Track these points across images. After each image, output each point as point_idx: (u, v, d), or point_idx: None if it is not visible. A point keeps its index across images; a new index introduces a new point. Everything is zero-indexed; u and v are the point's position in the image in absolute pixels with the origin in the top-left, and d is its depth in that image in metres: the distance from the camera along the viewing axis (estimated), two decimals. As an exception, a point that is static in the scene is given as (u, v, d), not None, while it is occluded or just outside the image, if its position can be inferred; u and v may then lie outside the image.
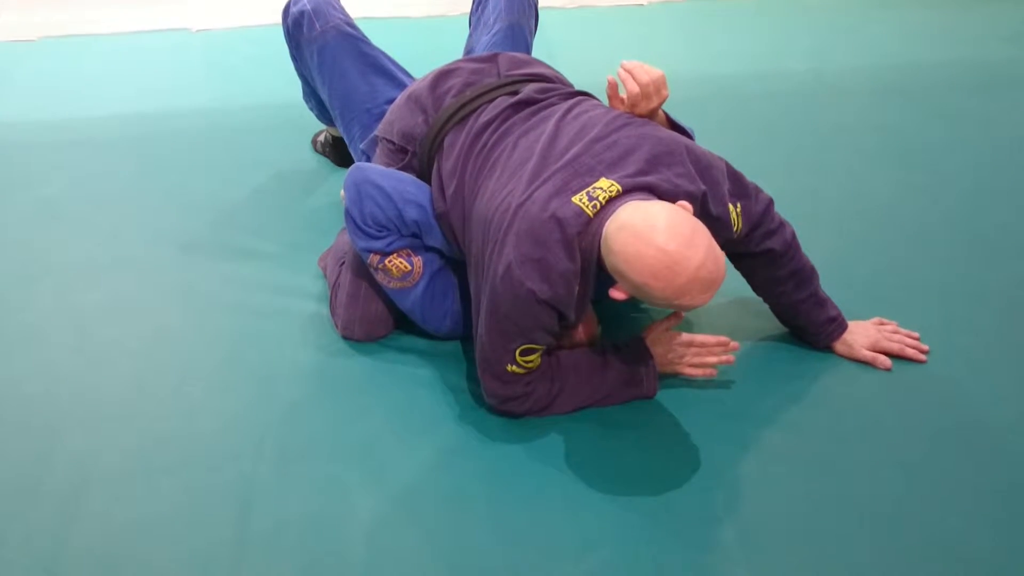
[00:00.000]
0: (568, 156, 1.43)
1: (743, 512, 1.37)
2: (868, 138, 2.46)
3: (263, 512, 1.36)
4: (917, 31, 3.15)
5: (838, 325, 1.65)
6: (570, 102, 1.59)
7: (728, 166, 1.52)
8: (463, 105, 1.63)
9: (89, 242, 2.00)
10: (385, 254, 1.58)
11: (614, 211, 1.34)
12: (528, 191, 1.40)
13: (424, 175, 1.66)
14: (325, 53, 1.95)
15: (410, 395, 1.58)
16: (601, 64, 2.82)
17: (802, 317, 1.65)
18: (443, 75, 1.71)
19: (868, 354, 1.63)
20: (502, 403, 1.50)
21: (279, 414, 1.55)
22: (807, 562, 1.29)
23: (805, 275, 1.62)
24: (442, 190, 1.58)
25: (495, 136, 1.56)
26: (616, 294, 1.35)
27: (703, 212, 1.44)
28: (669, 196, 1.39)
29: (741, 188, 1.52)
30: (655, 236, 1.26)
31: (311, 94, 2.13)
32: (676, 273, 1.26)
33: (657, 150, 1.43)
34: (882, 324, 1.69)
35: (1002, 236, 2.03)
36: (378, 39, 2.02)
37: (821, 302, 1.64)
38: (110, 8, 3.23)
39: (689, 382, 1.60)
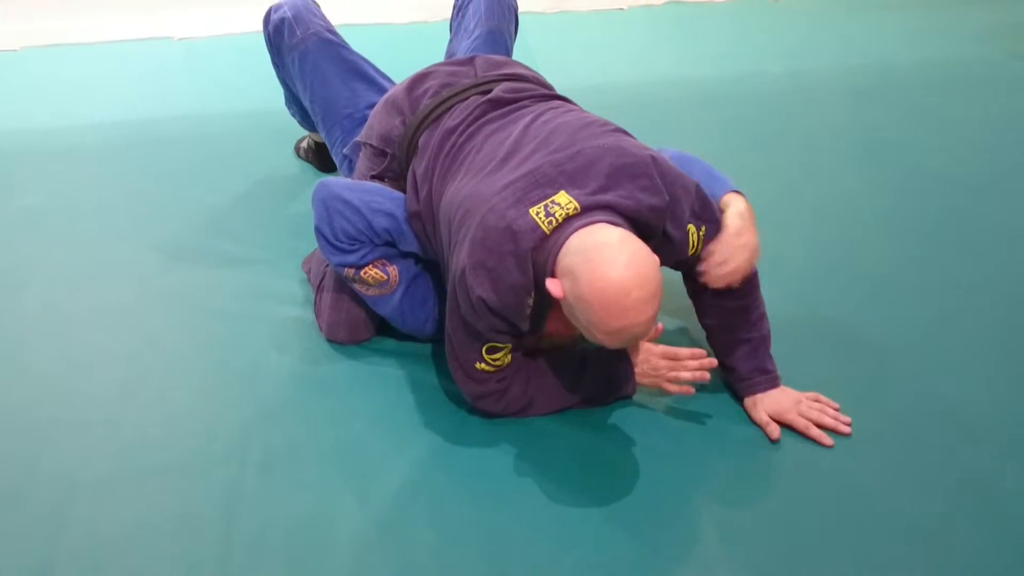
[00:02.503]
0: (530, 164, 1.41)
1: (723, 510, 1.39)
2: (844, 138, 2.49)
3: (249, 516, 1.37)
4: (891, 32, 3.18)
5: (766, 380, 1.54)
6: (543, 105, 1.58)
7: (698, 188, 1.46)
8: (437, 105, 1.64)
9: (73, 250, 2.00)
10: (359, 267, 1.58)
11: (575, 229, 1.32)
12: (488, 195, 1.39)
13: (403, 177, 1.67)
14: (306, 59, 1.96)
15: (395, 397, 1.59)
16: (581, 68, 2.87)
17: (735, 358, 1.56)
18: (420, 78, 1.73)
19: (764, 418, 1.51)
20: (476, 400, 1.51)
21: (264, 418, 1.55)
22: (787, 559, 1.31)
23: (754, 317, 1.55)
24: (416, 190, 1.58)
25: (464, 136, 1.56)
26: (553, 287, 1.31)
27: (666, 218, 1.41)
28: (631, 213, 1.37)
29: (710, 212, 1.47)
30: (628, 273, 1.25)
31: (293, 100, 2.14)
32: (622, 316, 1.26)
33: (620, 162, 1.40)
34: (816, 400, 1.55)
35: (978, 232, 2.05)
36: (360, 46, 2.03)
37: (760, 350, 1.55)
38: (93, 17, 3.22)
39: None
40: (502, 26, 2.01)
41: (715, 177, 1.55)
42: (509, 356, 1.47)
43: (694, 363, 1.47)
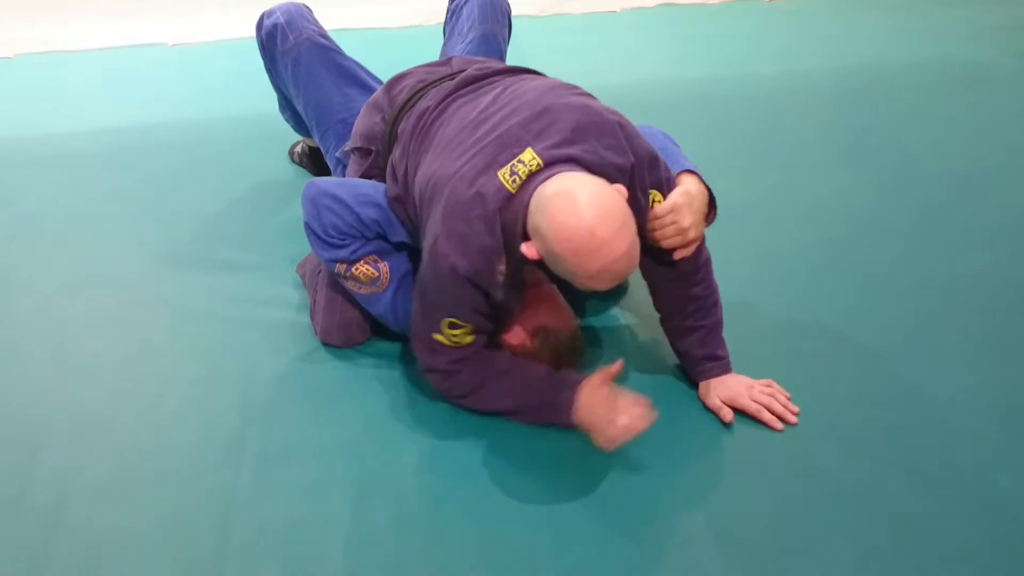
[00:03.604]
0: (500, 129, 1.42)
1: (716, 508, 1.39)
2: (836, 139, 2.50)
3: (244, 519, 1.38)
4: (882, 33, 3.20)
5: (718, 366, 1.56)
6: (513, 78, 1.59)
7: (663, 161, 1.47)
8: (413, 95, 1.66)
9: (67, 256, 2.01)
10: (351, 262, 1.60)
11: (537, 184, 1.33)
12: (457, 165, 1.41)
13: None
14: (299, 64, 1.97)
15: (389, 400, 1.60)
16: (574, 71, 2.86)
17: (687, 344, 1.57)
18: (398, 78, 1.75)
19: (716, 403, 1.53)
20: (426, 371, 1.53)
21: (259, 422, 1.56)
22: (780, 557, 1.32)
23: (707, 304, 1.56)
24: (394, 175, 1.60)
25: (435, 113, 1.58)
26: (527, 250, 1.32)
27: (629, 180, 1.40)
28: (595, 168, 1.37)
29: (670, 183, 1.47)
30: (588, 214, 1.25)
31: (287, 106, 2.15)
32: (595, 257, 1.26)
33: (586, 120, 1.40)
34: (768, 386, 1.57)
35: (967, 231, 2.06)
36: (353, 51, 2.04)
37: (712, 337, 1.57)
38: (87, 24, 3.22)
39: (666, 379, 1.63)
40: (496, 29, 2.02)
41: (673, 153, 1.56)
42: (470, 337, 1.47)
43: (636, 410, 1.38)
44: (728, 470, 1.46)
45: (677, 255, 1.47)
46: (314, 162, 2.31)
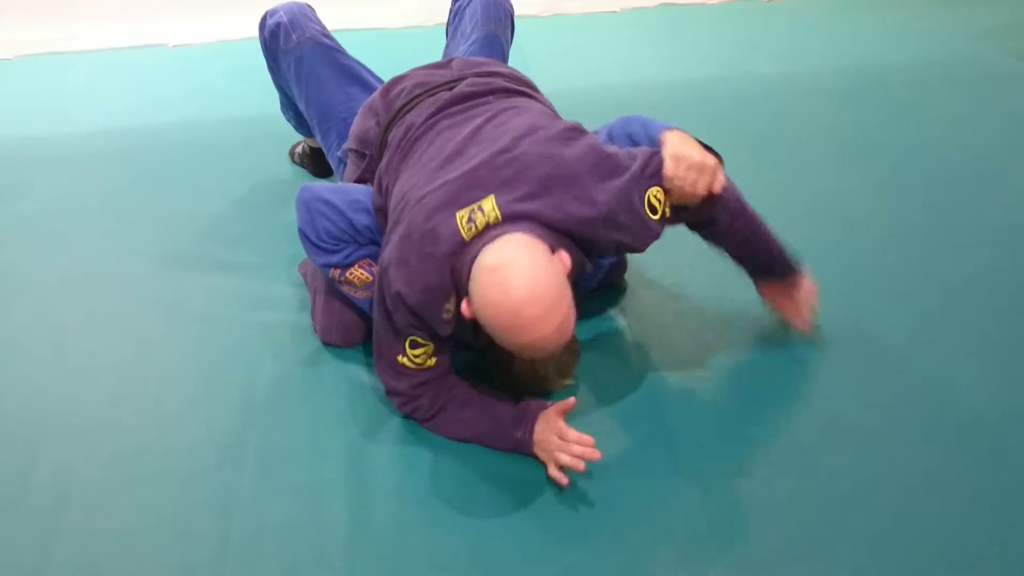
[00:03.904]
0: (471, 164, 1.41)
1: (717, 508, 1.39)
2: (836, 138, 2.50)
3: (244, 519, 1.38)
4: (883, 32, 3.20)
5: (798, 262, 1.65)
6: (504, 103, 1.58)
7: (649, 164, 1.42)
8: (407, 103, 1.66)
9: (66, 257, 2.01)
10: (345, 266, 1.60)
11: (491, 239, 1.32)
12: (425, 191, 1.41)
13: None
14: (302, 64, 1.97)
15: (388, 402, 1.59)
16: (574, 71, 2.88)
17: (761, 248, 1.61)
18: (395, 81, 1.75)
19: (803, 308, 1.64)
20: (389, 393, 1.53)
21: (258, 422, 1.56)
22: (780, 555, 1.32)
23: (755, 217, 1.58)
24: (379, 185, 1.60)
25: (421, 130, 1.58)
26: (464, 308, 1.33)
27: (611, 224, 1.39)
28: (556, 224, 1.36)
29: (661, 166, 1.44)
30: (517, 295, 1.24)
31: (288, 105, 2.15)
32: (521, 334, 1.27)
33: (556, 172, 1.38)
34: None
35: (968, 230, 2.06)
36: (356, 51, 2.04)
37: (776, 240, 1.61)
38: (87, 25, 3.23)
39: (666, 379, 1.62)
40: (498, 30, 2.02)
41: (650, 124, 1.55)
42: (432, 360, 1.47)
43: (577, 449, 1.39)
44: (729, 469, 1.46)
45: (716, 189, 1.45)
46: (314, 162, 2.31)
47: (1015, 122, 2.56)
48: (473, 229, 1.35)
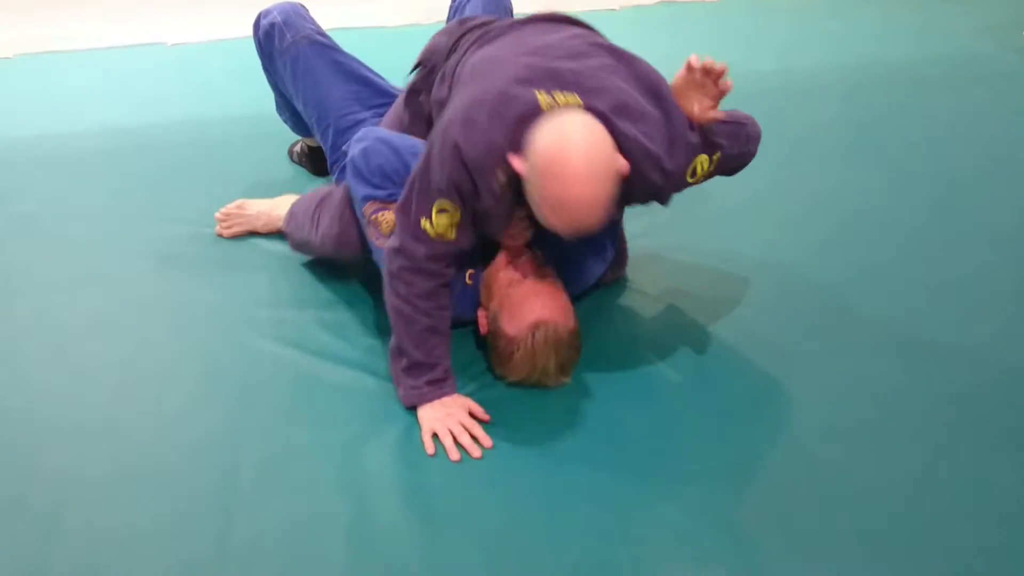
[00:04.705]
0: (559, 65, 1.45)
1: (719, 504, 1.39)
2: (837, 136, 2.50)
3: (245, 519, 1.38)
4: (882, 29, 3.20)
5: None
6: (591, 36, 1.61)
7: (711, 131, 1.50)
8: (482, 23, 1.70)
9: (67, 257, 2.01)
10: (383, 204, 1.61)
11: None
12: (510, 62, 1.45)
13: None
14: (298, 63, 1.97)
15: (389, 402, 1.60)
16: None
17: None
18: (465, 19, 1.78)
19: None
20: (397, 252, 1.51)
21: (259, 422, 1.56)
22: (783, 552, 1.31)
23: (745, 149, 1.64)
24: (443, 76, 1.63)
25: (505, 27, 1.63)
26: (515, 161, 1.36)
27: (657, 167, 1.44)
28: (623, 142, 1.40)
29: (733, 140, 1.56)
30: (572, 144, 1.30)
31: (284, 106, 2.15)
32: (566, 187, 1.30)
33: (632, 102, 1.43)
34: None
35: (973, 228, 2.06)
36: (351, 49, 2.04)
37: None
38: (85, 24, 3.23)
39: (666, 380, 1.63)
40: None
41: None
42: (454, 233, 1.48)
43: (465, 440, 1.48)
44: (732, 468, 1.46)
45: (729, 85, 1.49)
46: (313, 161, 2.31)
47: (1016, 118, 2.56)
48: (553, 104, 1.38)
